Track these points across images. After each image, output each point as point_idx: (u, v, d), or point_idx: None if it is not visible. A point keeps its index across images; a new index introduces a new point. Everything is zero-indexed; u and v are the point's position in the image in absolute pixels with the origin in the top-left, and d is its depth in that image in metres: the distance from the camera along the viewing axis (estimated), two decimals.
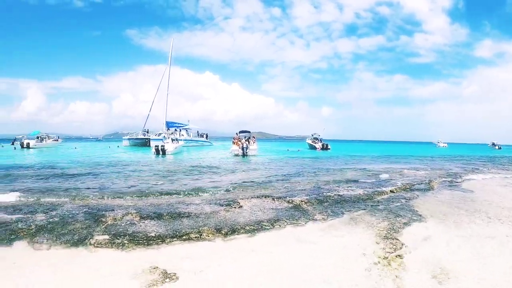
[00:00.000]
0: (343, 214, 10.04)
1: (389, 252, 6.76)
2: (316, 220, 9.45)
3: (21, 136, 66.92)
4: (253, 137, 40.54)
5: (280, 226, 8.93)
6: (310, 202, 11.41)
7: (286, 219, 9.50)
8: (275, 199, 11.79)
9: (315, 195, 12.47)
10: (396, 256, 6.52)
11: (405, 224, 8.78)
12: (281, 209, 10.75)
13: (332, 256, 6.64)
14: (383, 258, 6.44)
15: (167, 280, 5.77)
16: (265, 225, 8.92)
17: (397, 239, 7.51)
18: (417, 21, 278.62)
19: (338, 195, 12.67)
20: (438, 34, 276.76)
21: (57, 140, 73.09)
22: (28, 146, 60.66)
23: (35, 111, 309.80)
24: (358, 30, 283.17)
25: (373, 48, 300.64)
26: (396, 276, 5.59)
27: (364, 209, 10.56)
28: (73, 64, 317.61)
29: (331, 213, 10.08)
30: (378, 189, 14.00)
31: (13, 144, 69.31)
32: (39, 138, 66.15)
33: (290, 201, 11.54)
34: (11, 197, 13.69)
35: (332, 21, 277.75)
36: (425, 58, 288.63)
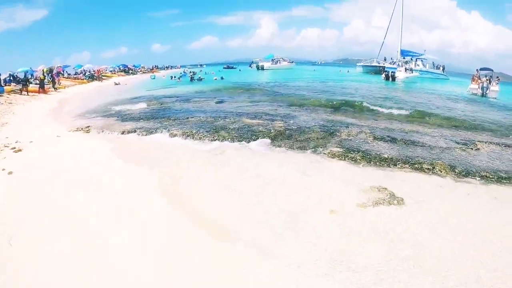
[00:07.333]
0: None
1: None
2: None
3: (257, 59, 75.73)
4: (497, 77, 34.82)
5: None
6: None
7: None
8: None
9: None
10: None
11: None
12: None
13: None
14: None
15: (395, 202, 6.05)
16: (502, 177, 7.83)
17: None
18: None
19: None
20: None
21: (292, 63, 79.52)
22: (262, 68, 69.02)
23: (269, 37, 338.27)
24: None
25: None
26: None
27: None
28: None
29: None
30: None
31: (250, 66, 79.64)
32: (273, 60, 73.35)
33: None
34: (250, 107, 16.23)
35: None
36: None
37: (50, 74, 29.28)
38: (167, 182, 6.96)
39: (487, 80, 33.02)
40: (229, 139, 10.27)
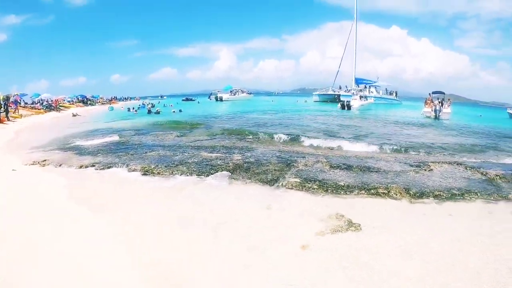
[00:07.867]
0: None
1: None
2: (510, 200, 8.41)
3: (216, 91, 78.39)
4: (449, 99, 36.69)
5: (470, 198, 8.08)
6: (506, 179, 10.12)
7: (478, 192, 8.45)
8: (468, 168, 10.60)
9: None
10: None
11: None
12: (473, 180, 9.52)
13: None
14: None
15: (352, 228, 6.08)
16: (455, 194, 8.18)
17: None
18: None
19: None
20: None
21: (250, 94, 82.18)
22: (221, 99, 71.40)
23: (227, 69, 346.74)
24: None
25: None
26: None
27: None
28: (260, 26, 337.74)
29: None
30: None
31: (209, 98, 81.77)
32: (232, 92, 76.31)
33: (484, 173, 10.25)
34: (208, 140, 16.86)
35: None
36: None
37: (5, 103, 28.26)
38: (122, 222, 6.63)
39: (439, 102, 34.79)
40: (188, 173, 10.09)
